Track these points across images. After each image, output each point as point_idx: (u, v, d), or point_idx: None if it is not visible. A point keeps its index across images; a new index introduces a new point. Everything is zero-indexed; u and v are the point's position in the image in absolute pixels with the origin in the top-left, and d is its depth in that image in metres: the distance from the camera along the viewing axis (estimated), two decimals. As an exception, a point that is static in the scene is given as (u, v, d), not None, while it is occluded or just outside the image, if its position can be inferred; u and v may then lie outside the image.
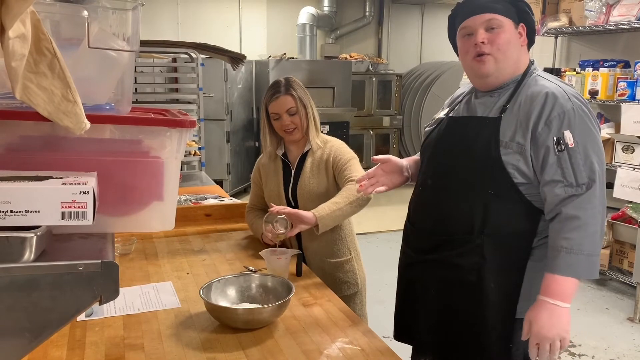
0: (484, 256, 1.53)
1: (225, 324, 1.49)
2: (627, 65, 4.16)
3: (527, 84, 1.55)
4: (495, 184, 1.51)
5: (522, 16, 1.56)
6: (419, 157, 1.82)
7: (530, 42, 1.61)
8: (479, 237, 1.53)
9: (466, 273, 1.56)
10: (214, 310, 1.50)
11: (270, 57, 6.95)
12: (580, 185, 1.44)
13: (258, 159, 2.27)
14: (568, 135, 1.45)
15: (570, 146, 1.45)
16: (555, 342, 1.47)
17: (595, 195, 1.44)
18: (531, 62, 1.61)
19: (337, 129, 6.46)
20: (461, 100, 1.71)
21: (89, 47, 0.97)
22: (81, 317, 1.52)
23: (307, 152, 2.14)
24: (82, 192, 0.82)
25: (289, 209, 1.93)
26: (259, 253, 1.89)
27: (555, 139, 1.46)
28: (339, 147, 2.13)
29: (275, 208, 1.94)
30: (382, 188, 1.72)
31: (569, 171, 1.45)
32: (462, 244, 1.56)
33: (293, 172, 2.15)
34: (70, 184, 0.83)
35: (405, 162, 1.79)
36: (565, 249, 1.43)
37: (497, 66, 1.54)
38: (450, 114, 1.70)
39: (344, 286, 2.13)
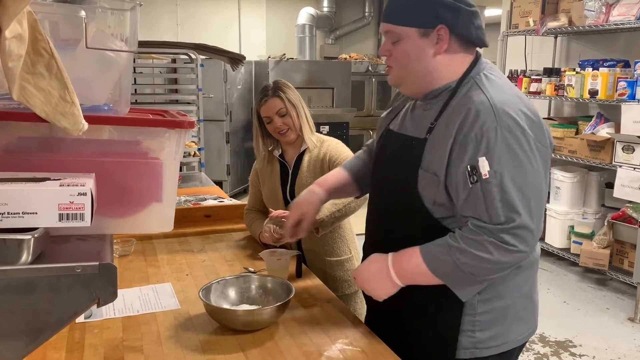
0: (413, 293, 1.36)
1: (225, 325, 1.48)
2: (626, 65, 4.16)
3: (459, 93, 1.31)
4: (417, 220, 1.34)
5: (440, 17, 1.28)
6: (345, 175, 1.69)
7: (468, 41, 1.34)
8: (410, 287, 1.35)
9: (400, 310, 1.42)
10: (214, 312, 1.49)
11: (269, 57, 6.95)
12: (495, 224, 1.22)
13: (254, 165, 2.28)
14: (482, 164, 1.20)
15: (483, 177, 1.20)
16: (365, 291, 1.41)
17: (513, 235, 1.20)
18: (473, 65, 1.35)
19: (337, 130, 6.45)
20: (404, 104, 1.51)
21: (87, 47, 0.96)
22: (80, 319, 1.51)
23: (303, 151, 2.14)
24: (79, 194, 0.82)
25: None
26: (259, 254, 1.89)
27: (468, 167, 1.22)
28: (336, 146, 2.14)
29: (275, 213, 1.94)
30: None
31: (482, 208, 1.22)
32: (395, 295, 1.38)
33: (290, 172, 2.16)
34: (68, 185, 0.82)
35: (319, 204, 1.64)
36: (455, 254, 1.24)
37: (401, 79, 1.37)
38: (391, 125, 1.51)
39: (345, 285, 2.13)
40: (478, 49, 1.40)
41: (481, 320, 1.35)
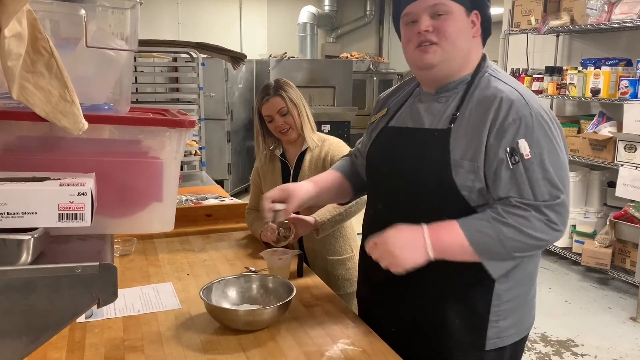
0: (444, 293, 1.38)
1: (226, 325, 1.48)
2: (629, 63, 4.14)
3: (478, 85, 1.36)
4: (450, 210, 1.32)
5: (475, 2, 1.36)
6: (338, 175, 1.66)
7: (486, 34, 1.42)
8: (435, 269, 1.31)
9: (426, 312, 1.41)
10: (215, 312, 1.49)
11: (271, 56, 6.94)
12: (540, 201, 1.26)
13: (255, 163, 2.28)
14: (523, 145, 1.25)
15: (525, 157, 1.25)
16: (385, 261, 1.30)
17: (556, 212, 1.25)
18: (483, 58, 1.42)
19: (338, 129, 6.45)
20: (402, 104, 1.51)
21: (87, 46, 0.96)
22: (81, 318, 1.51)
23: (305, 150, 2.14)
24: (80, 194, 0.81)
25: (293, 215, 1.92)
26: (260, 254, 1.88)
27: (508, 149, 1.26)
28: (337, 145, 2.14)
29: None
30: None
31: (526, 187, 1.26)
32: (418, 277, 1.33)
33: (292, 171, 2.16)
34: (68, 185, 0.82)
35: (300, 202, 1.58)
36: (499, 227, 1.25)
37: (443, 57, 1.34)
38: (391, 122, 1.50)
39: (347, 283, 2.13)
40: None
41: (505, 309, 1.38)
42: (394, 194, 1.47)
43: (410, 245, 1.28)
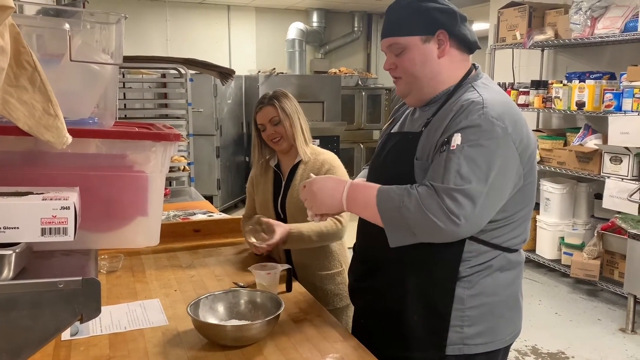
0: (406, 286, 1.42)
1: (214, 341, 1.46)
2: (612, 77, 4.21)
3: (457, 95, 1.40)
4: None
5: (436, 23, 1.38)
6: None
7: (465, 45, 1.43)
8: (398, 264, 1.41)
9: (390, 304, 1.46)
10: (202, 328, 1.47)
11: (259, 72, 6.97)
12: (443, 186, 1.26)
13: (251, 172, 2.30)
14: (456, 138, 1.28)
15: (451, 148, 1.28)
16: (308, 202, 1.46)
17: (454, 200, 1.24)
18: (471, 70, 1.45)
19: (328, 143, 6.46)
20: (403, 113, 1.60)
21: (71, 60, 0.95)
22: (65, 336, 1.49)
23: (298, 163, 2.14)
24: (62, 208, 0.80)
25: (267, 220, 1.99)
26: (248, 268, 1.87)
27: (445, 139, 1.31)
28: (334, 159, 2.14)
29: (264, 220, 1.96)
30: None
31: (440, 172, 1.28)
32: (385, 272, 1.46)
33: (284, 183, 2.15)
34: (51, 199, 0.81)
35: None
36: (404, 195, 1.29)
37: (410, 87, 1.44)
38: (392, 130, 1.59)
39: (336, 299, 2.12)
40: (474, 63, 1.48)
41: (469, 315, 1.39)
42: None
43: (330, 193, 1.43)
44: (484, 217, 1.30)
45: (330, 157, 2.15)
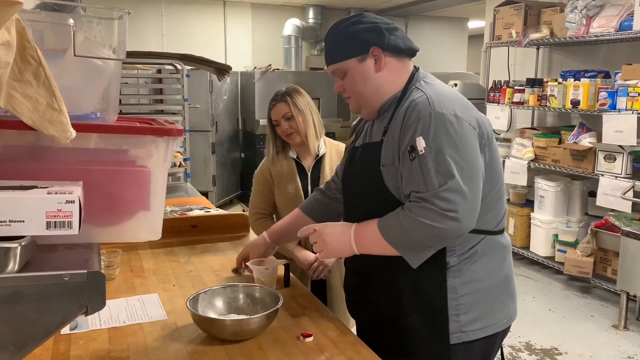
0: (399, 288, 1.48)
1: (213, 335, 1.47)
2: (607, 75, 4.24)
3: (405, 99, 1.48)
4: (390, 211, 1.42)
5: (368, 42, 1.46)
6: (300, 213, 1.87)
7: (400, 52, 1.50)
8: (388, 269, 1.47)
9: (387, 309, 1.51)
10: (201, 322, 1.48)
11: (255, 68, 6.96)
12: (430, 191, 1.32)
13: (263, 163, 2.31)
14: (420, 142, 1.34)
15: (420, 153, 1.34)
16: (318, 247, 1.52)
17: (444, 199, 1.29)
18: (413, 73, 1.53)
19: (323, 140, 6.46)
20: (363, 127, 1.66)
21: (75, 55, 0.96)
22: (65, 330, 1.49)
23: (321, 157, 2.24)
24: (67, 202, 0.81)
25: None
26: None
27: (409, 148, 1.37)
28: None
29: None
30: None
31: (420, 180, 1.34)
32: (377, 280, 1.54)
33: (309, 174, 2.23)
34: (56, 193, 0.82)
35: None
36: (400, 218, 1.36)
37: (359, 104, 1.54)
38: (355, 144, 1.65)
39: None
40: (415, 65, 1.57)
41: (464, 303, 1.45)
42: (349, 203, 1.66)
43: (339, 239, 1.48)
44: (478, 203, 1.36)
45: (342, 145, 2.26)
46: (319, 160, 2.24)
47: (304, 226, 1.62)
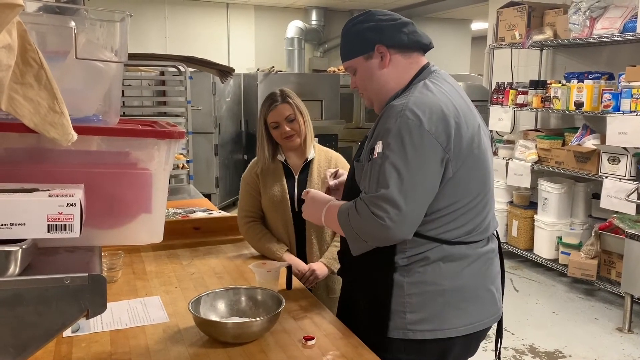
0: (353, 275, 1.62)
1: (215, 338, 1.47)
2: (611, 77, 4.22)
3: (403, 97, 1.49)
4: None
5: (372, 40, 1.50)
6: None
7: (406, 48, 1.53)
8: (349, 256, 1.53)
9: (346, 291, 1.72)
10: (203, 325, 1.48)
11: (258, 70, 6.96)
12: (366, 194, 1.40)
13: (251, 166, 2.27)
14: (378, 146, 1.41)
15: (373, 157, 1.41)
16: (303, 207, 1.68)
17: (376, 205, 1.36)
18: (419, 72, 1.54)
19: (326, 141, 6.46)
20: None
21: (77, 58, 0.96)
22: (67, 332, 1.49)
23: (310, 160, 2.21)
24: (68, 205, 0.81)
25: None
26: (249, 266, 1.88)
27: (371, 149, 1.44)
28: (339, 160, 2.26)
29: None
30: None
31: (366, 181, 1.43)
32: (346, 264, 1.66)
33: (297, 177, 2.19)
34: (57, 196, 0.82)
35: None
36: (349, 207, 1.45)
37: (370, 99, 1.61)
38: None
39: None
40: (428, 60, 1.59)
41: (410, 302, 1.48)
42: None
43: (316, 208, 1.61)
44: (415, 215, 1.39)
45: (336, 155, 2.27)
46: (307, 164, 2.21)
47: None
